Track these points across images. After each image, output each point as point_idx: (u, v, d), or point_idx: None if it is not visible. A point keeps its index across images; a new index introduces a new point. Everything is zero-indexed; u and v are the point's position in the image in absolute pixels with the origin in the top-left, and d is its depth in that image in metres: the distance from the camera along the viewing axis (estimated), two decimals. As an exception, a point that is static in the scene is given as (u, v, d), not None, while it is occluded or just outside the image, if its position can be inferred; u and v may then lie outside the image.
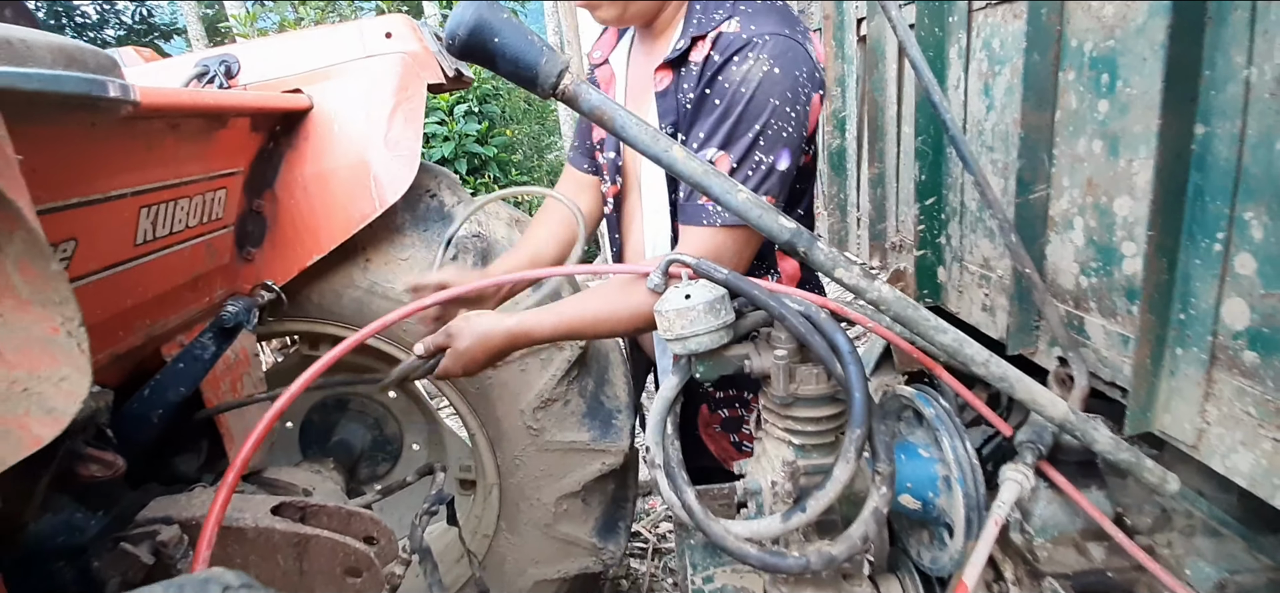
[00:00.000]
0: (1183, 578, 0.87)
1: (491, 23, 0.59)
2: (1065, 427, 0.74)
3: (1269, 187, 0.64)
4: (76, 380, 0.42)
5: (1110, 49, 0.80)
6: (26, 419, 0.41)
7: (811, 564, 0.75)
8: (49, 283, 0.40)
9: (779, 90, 0.92)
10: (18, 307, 0.39)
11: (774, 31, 0.94)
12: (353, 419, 1.72)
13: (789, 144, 0.95)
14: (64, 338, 0.41)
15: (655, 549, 2.40)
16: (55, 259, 0.40)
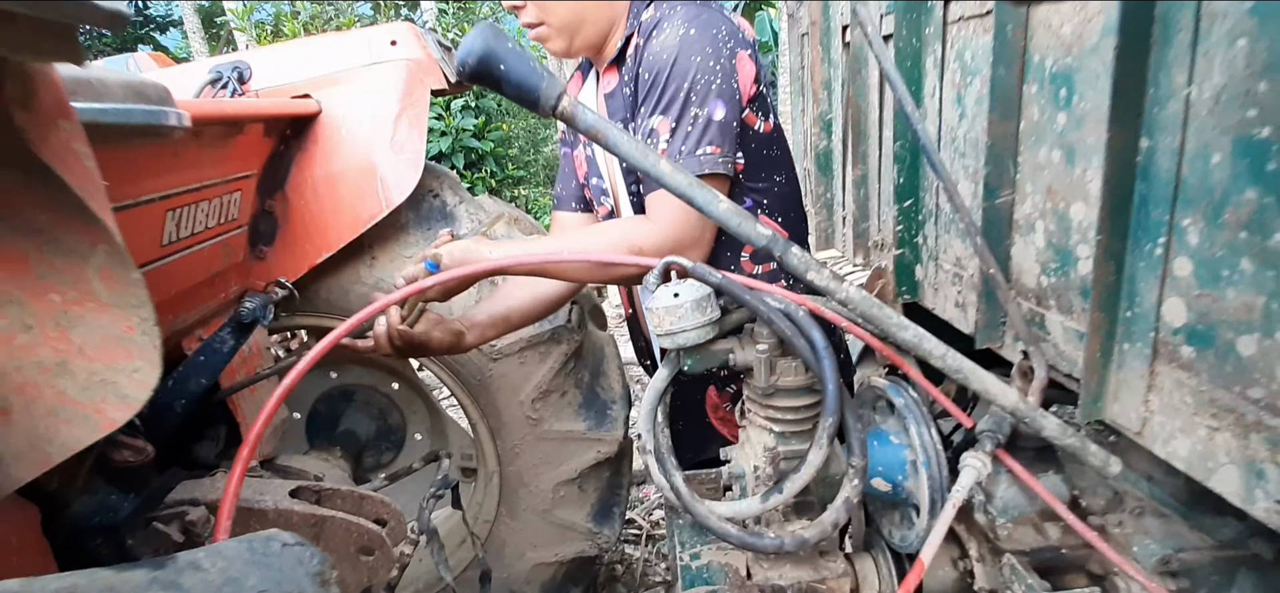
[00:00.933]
0: (1130, 555, 0.94)
1: (498, 51, 0.65)
2: (1016, 414, 0.81)
3: (1204, 196, 0.71)
4: (147, 371, 0.48)
5: (1068, 66, 0.86)
6: (104, 405, 0.47)
7: (785, 546, 0.82)
8: (128, 289, 0.47)
9: (699, 47, 1.00)
10: (98, 309, 0.46)
11: (685, 6, 1.03)
12: (358, 410, 1.78)
13: (721, 95, 1.02)
14: (138, 336, 0.47)
15: (649, 536, 2.47)
16: (135, 268, 0.46)
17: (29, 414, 0.48)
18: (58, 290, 0.46)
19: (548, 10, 1.10)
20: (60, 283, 0.46)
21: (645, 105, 1.04)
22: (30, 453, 0.49)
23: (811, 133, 1.72)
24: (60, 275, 0.45)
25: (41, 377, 0.48)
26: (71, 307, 0.46)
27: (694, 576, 1.00)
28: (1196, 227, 0.72)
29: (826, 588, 0.99)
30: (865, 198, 1.54)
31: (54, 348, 0.47)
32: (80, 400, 0.48)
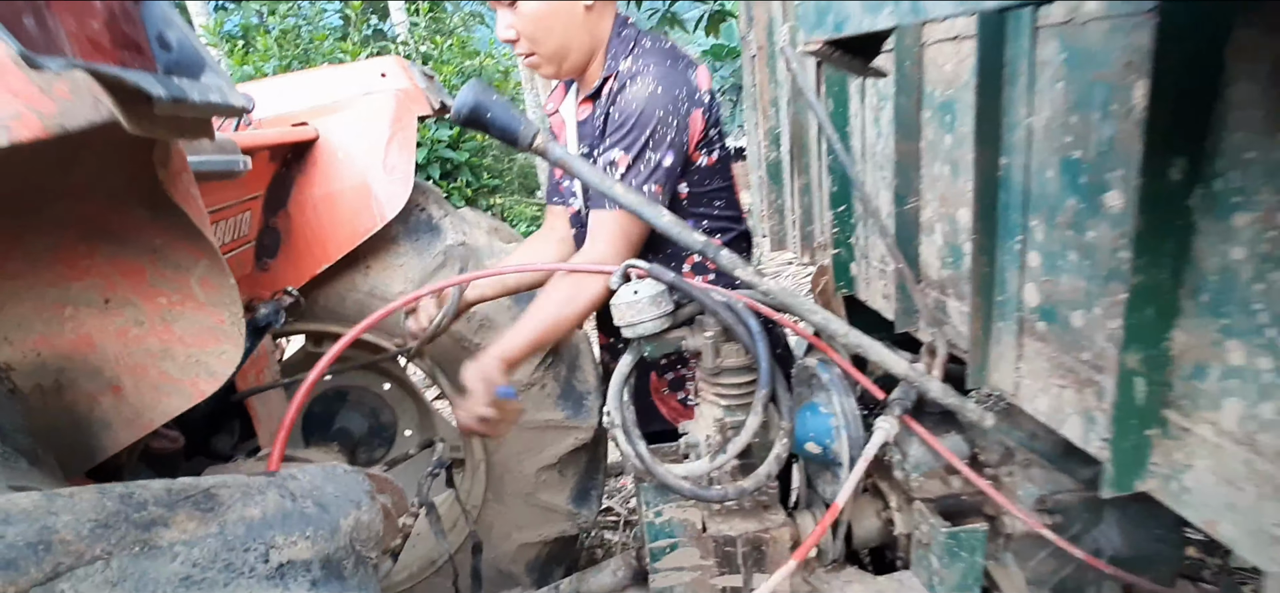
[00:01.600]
0: (1016, 499, 1.13)
1: (485, 102, 0.82)
2: (907, 381, 0.99)
3: (1044, 203, 0.90)
4: (232, 353, 0.63)
5: (950, 97, 1.05)
6: (197, 380, 0.62)
7: (728, 495, 0.99)
8: (223, 291, 0.61)
9: (662, 103, 1.22)
10: (197, 307, 0.60)
11: (656, 63, 1.24)
12: (351, 408, 1.92)
13: (672, 146, 1.24)
14: (228, 326, 0.62)
15: (626, 522, 2.64)
16: (230, 275, 0.61)
17: (138, 389, 0.63)
18: (165, 295, 0.60)
19: (538, 43, 1.29)
20: (167, 288, 0.60)
21: (611, 137, 1.25)
22: (137, 420, 0.63)
23: (763, 145, 1.91)
24: (168, 283, 0.60)
25: (149, 360, 0.62)
26: (175, 306, 0.61)
27: (658, 530, 1.17)
28: (1041, 227, 0.91)
29: (770, 537, 1.17)
30: (809, 204, 1.73)
31: (160, 338, 0.62)
32: (179, 377, 0.63)
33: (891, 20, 0.43)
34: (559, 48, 1.30)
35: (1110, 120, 0.75)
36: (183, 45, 0.46)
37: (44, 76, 0.38)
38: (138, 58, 0.47)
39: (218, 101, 0.47)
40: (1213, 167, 0.65)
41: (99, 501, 0.38)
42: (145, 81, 0.42)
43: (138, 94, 0.42)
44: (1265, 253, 0.62)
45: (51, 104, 0.38)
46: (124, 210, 0.55)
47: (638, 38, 1.33)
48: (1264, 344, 0.64)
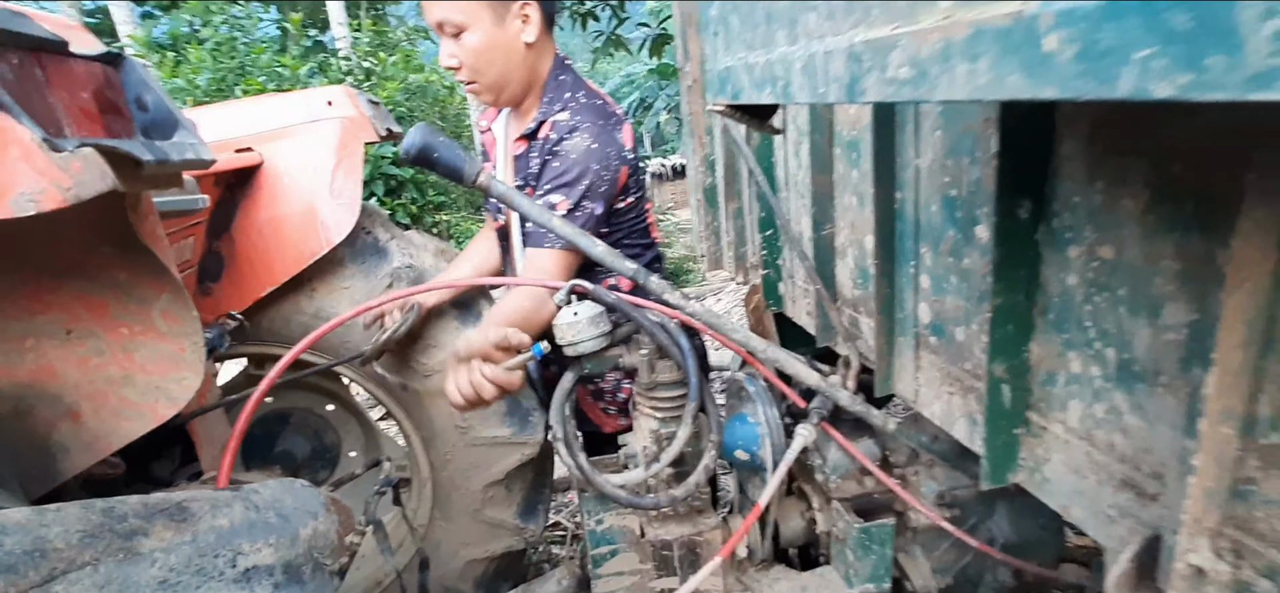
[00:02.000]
0: (919, 495, 1.27)
1: (431, 143, 0.89)
2: (818, 390, 1.10)
3: (931, 233, 1.03)
4: (191, 379, 0.67)
5: (856, 137, 1.19)
6: (156, 405, 0.65)
7: (660, 502, 1.07)
8: (185, 322, 0.65)
9: (597, 158, 1.34)
10: (158, 337, 0.64)
11: (593, 121, 1.36)
12: (294, 431, 1.90)
13: (603, 198, 1.37)
14: (188, 354, 0.66)
15: (573, 536, 2.68)
16: (193, 307, 0.65)
17: (97, 415, 0.65)
18: (127, 326, 0.64)
19: (479, 73, 1.38)
20: (130, 320, 0.64)
21: (550, 182, 1.35)
22: (95, 444, 0.66)
23: (699, 170, 2.03)
24: (131, 315, 0.63)
25: (109, 387, 0.65)
26: (136, 336, 0.64)
27: (599, 537, 1.24)
28: (929, 253, 1.04)
29: (704, 540, 1.26)
30: (742, 227, 1.85)
31: (121, 366, 0.65)
32: (138, 403, 0.66)
33: (769, 98, 0.53)
34: (499, 79, 1.39)
35: (977, 165, 0.88)
36: (157, 106, 0.51)
37: (62, 156, 0.43)
38: (119, 120, 0.52)
39: (192, 158, 0.53)
40: (1051, 208, 0.79)
41: (85, 514, 0.42)
42: (136, 149, 0.47)
43: (129, 159, 0.47)
44: (1091, 279, 0.76)
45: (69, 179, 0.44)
46: (92, 249, 0.59)
47: (573, 86, 1.43)
48: (1093, 355, 0.78)
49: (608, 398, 1.67)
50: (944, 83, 0.34)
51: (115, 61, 0.56)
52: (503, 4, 1.32)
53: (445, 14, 1.31)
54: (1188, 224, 0.65)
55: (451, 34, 1.34)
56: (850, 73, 0.42)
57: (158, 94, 0.52)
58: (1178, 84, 0.22)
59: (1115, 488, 0.76)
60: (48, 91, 0.46)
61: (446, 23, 1.32)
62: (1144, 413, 0.72)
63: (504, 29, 1.34)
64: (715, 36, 0.65)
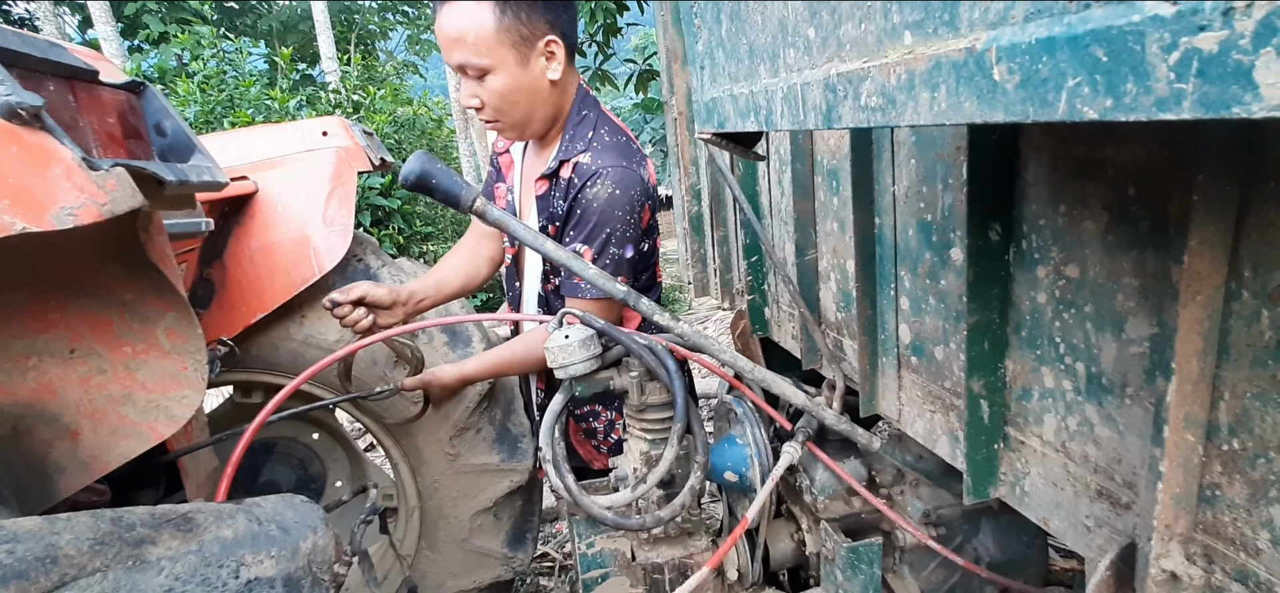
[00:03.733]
0: (905, 514, 1.29)
1: (430, 170, 0.92)
2: (804, 410, 1.13)
3: (908, 256, 1.07)
4: (192, 397, 0.68)
5: (835, 165, 1.23)
6: (156, 423, 0.66)
7: (646, 523, 1.09)
8: (189, 341, 0.66)
9: (621, 205, 1.34)
10: (161, 356, 0.65)
11: (615, 164, 1.34)
12: (278, 461, 1.89)
13: (631, 240, 1.37)
14: (190, 373, 0.67)
15: (561, 567, 2.66)
16: (198, 326, 0.66)
17: (96, 434, 0.66)
18: (130, 345, 0.65)
19: (504, 113, 1.35)
20: (133, 339, 0.65)
21: (577, 231, 1.35)
22: (93, 462, 0.66)
23: (686, 200, 2.07)
24: (134, 334, 0.65)
25: (109, 405, 0.66)
26: (140, 355, 0.65)
27: (590, 561, 1.25)
28: (908, 275, 1.08)
29: (694, 562, 1.27)
30: (727, 254, 1.89)
31: (122, 385, 0.66)
32: (138, 421, 0.66)
33: (753, 126, 0.57)
34: (524, 118, 1.37)
35: (950, 191, 0.93)
36: (175, 132, 0.53)
37: (99, 175, 0.46)
38: (140, 144, 0.54)
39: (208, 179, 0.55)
40: (1020, 230, 0.83)
41: (94, 523, 0.43)
42: (160, 170, 0.50)
43: (154, 179, 0.49)
44: (1058, 297, 0.80)
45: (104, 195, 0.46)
46: (99, 268, 0.60)
47: (596, 124, 1.40)
48: (1065, 369, 0.81)
49: (600, 437, 1.67)
50: (909, 109, 0.38)
51: (138, 90, 0.58)
52: (526, 43, 1.27)
53: (467, 57, 1.25)
54: (1144, 243, 0.70)
55: (475, 77, 1.28)
56: (826, 102, 0.46)
57: (175, 121, 0.54)
58: (1102, 107, 0.25)
59: (1091, 498, 0.79)
60: (79, 116, 0.48)
61: (469, 66, 1.26)
62: (1114, 424, 0.76)
63: (529, 70, 1.30)
64: (702, 70, 0.69)
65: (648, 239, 1.47)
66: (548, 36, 1.29)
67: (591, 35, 5.22)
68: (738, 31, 0.60)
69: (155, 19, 9.73)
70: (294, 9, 13.22)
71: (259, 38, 11.00)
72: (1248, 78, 0.21)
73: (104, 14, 7.41)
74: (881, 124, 0.40)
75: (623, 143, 1.40)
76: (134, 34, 10.13)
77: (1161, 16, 0.22)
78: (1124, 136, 0.67)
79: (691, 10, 0.71)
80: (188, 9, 9.41)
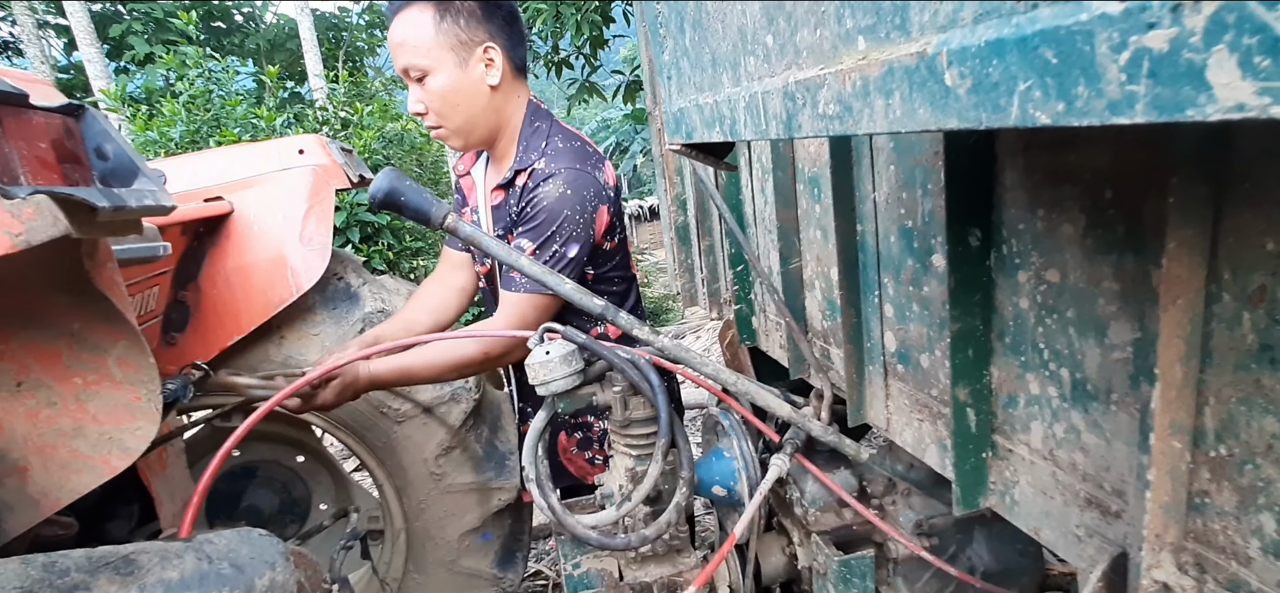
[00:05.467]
0: (897, 525, 1.27)
1: (398, 188, 0.90)
2: (790, 421, 1.11)
3: (891, 263, 1.06)
4: (147, 427, 0.65)
5: (816, 173, 1.22)
6: (109, 457, 0.64)
7: (631, 542, 1.06)
8: (141, 370, 0.64)
9: (570, 204, 1.35)
10: (113, 386, 0.63)
11: (567, 165, 1.37)
12: (260, 485, 1.85)
13: (577, 239, 1.37)
14: (144, 403, 0.64)
15: (555, 585, 2.62)
16: (150, 354, 0.64)
17: (45, 470, 0.63)
18: (81, 375, 0.62)
19: (445, 117, 1.39)
20: (83, 370, 0.62)
21: (521, 229, 1.37)
22: (43, 499, 0.63)
23: (671, 210, 2.06)
24: (84, 365, 0.62)
25: (59, 439, 0.63)
26: (90, 386, 0.63)
27: (577, 582, 1.22)
28: (891, 282, 1.07)
29: (684, 580, 1.24)
30: (714, 263, 1.88)
31: (73, 417, 0.63)
32: (89, 455, 0.64)
33: (719, 136, 0.55)
34: (464, 123, 1.40)
35: (929, 197, 0.92)
36: (118, 155, 0.51)
37: (14, 203, 0.44)
38: (78, 169, 0.52)
39: (151, 204, 0.53)
40: (1000, 235, 0.82)
41: (23, 569, 0.41)
42: (91, 196, 0.48)
43: (83, 206, 0.47)
44: (1041, 302, 0.78)
45: (20, 225, 0.44)
46: (45, 297, 0.58)
47: (549, 133, 1.44)
48: (1049, 376, 0.80)
49: (596, 446, 1.64)
50: (866, 117, 0.36)
51: (76, 113, 0.56)
52: (465, 47, 1.34)
53: (410, 58, 1.33)
54: (1122, 246, 0.68)
55: (416, 79, 1.36)
56: (786, 110, 0.44)
57: (118, 143, 0.52)
58: (1054, 112, 0.24)
59: (1081, 507, 0.78)
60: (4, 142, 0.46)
61: (411, 68, 1.34)
62: (1101, 431, 0.74)
63: (467, 72, 1.36)
64: (669, 80, 0.67)
65: (610, 238, 1.47)
66: (486, 43, 1.36)
67: (578, 48, 5.23)
68: (701, 40, 0.59)
69: (140, 40, 9.71)
70: (281, 27, 13.22)
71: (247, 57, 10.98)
72: (1200, 78, 0.19)
73: (89, 35, 7.39)
74: (839, 132, 0.39)
75: (577, 147, 1.43)
76: (119, 55, 10.10)
77: (1109, 15, 0.21)
78: (1095, 139, 0.65)
79: (656, 20, 0.70)
80: (173, 29, 9.39)
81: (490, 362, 1.43)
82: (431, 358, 1.39)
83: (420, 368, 1.39)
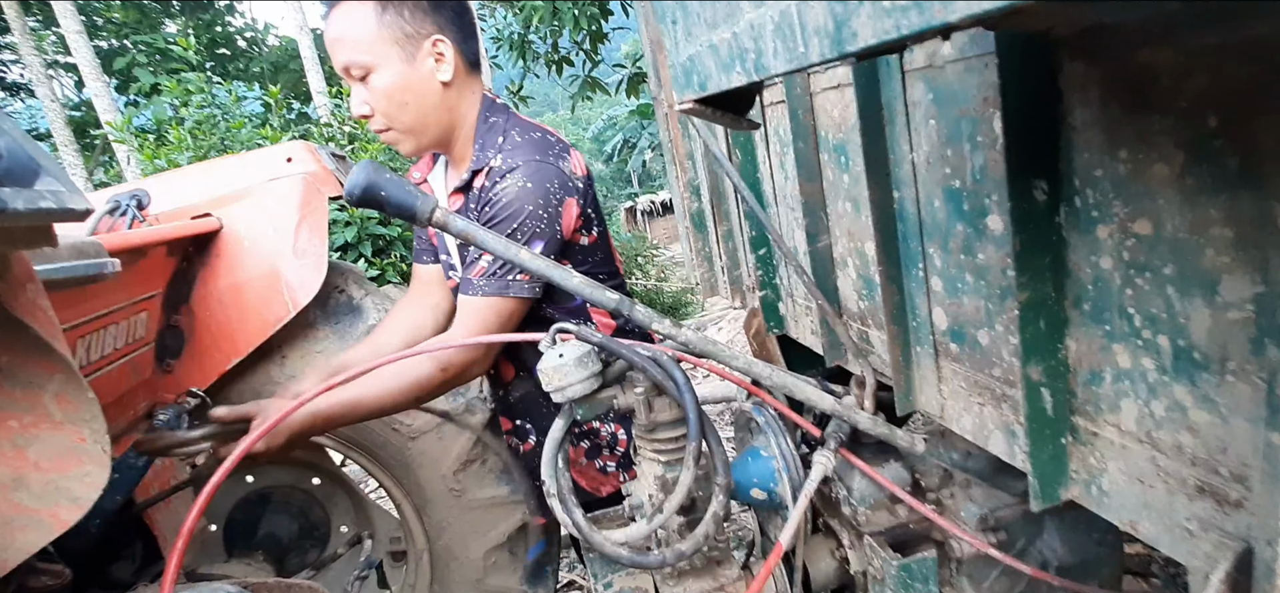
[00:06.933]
0: (959, 520, 1.15)
1: (377, 181, 0.80)
2: (833, 414, 1.00)
3: (936, 231, 0.94)
4: (97, 473, 0.57)
5: (842, 140, 1.11)
6: (57, 509, 0.55)
7: (667, 559, 0.96)
8: (82, 406, 0.56)
9: (531, 198, 1.23)
10: (53, 427, 0.55)
11: (527, 158, 1.25)
12: (277, 511, 1.79)
13: (541, 236, 1.25)
14: (90, 444, 0.56)
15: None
16: (89, 389, 0.56)
17: (-14, 531, 0.56)
18: (15, 417, 0.54)
19: (392, 118, 1.27)
20: (17, 410, 0.54)
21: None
22: (-15, 565, 0.56)
23: (685, 198, 1.95)
24: (17, 405, 0.54)
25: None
26: (28, 429, 0.55)
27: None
28: (938, 252, 0.95)
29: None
30: (734, 249, 1.77)
31: (11, 467, 0.55)
32: (35, 508, 0.56)
33: (741, 77, 0.45)
34: (415, 123, 1.28)
35: (980, 151, 0.80)
36: (12, 153, 0.43)
37: None
38: (-39, 171, 0.44)
39: (52, 207, 0.44)
40: (1071, 186, 0.70)
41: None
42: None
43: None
44: (1128, 260, 0.67)
45: None
46: (-43, 333, 0.50)
47: (506, 128, 1.32)
48: (1143, 346, 0.68)
49: (604, 454, 1.54)
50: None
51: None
52: (411, 40, 1.23)
53: (350, 55, 1.21)
54: (1234, 183, 0.56)
55: (359, 78, 1.24)
56: (834, 19, 0.34)
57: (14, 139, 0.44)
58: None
59: (1190, 497, 0.66)
60: None
61: (352, 65, 1.22)
62: (1213, 407, 0.62)
63: (415, 68, 1.24)
64: (674, 26, 0.57)
65: (586, 232, 1.36)
66: (434, 36, 1.25)
67: (577, 43, 5.13)
68: (715, -35, 0.48)
69: (146, 72, 9.81)
70: (283, 49, 13.32)
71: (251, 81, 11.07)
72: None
73: (95, 70, 7.47)
74: (917, 27, 0.28)
75: (536, 138, 1.31)
76: (127, 88, 10.23)
77: None
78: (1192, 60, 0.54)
79: (661, -41, 0.59)
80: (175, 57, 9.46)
81: (450, 379, 1.28)
82: (383, 384, 1.23)
83: (371, 398, 1.23)
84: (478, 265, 1.25)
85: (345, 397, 1.20)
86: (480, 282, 1.24)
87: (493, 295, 1.24)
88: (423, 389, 1.25)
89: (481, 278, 1.24)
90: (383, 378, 1.23)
